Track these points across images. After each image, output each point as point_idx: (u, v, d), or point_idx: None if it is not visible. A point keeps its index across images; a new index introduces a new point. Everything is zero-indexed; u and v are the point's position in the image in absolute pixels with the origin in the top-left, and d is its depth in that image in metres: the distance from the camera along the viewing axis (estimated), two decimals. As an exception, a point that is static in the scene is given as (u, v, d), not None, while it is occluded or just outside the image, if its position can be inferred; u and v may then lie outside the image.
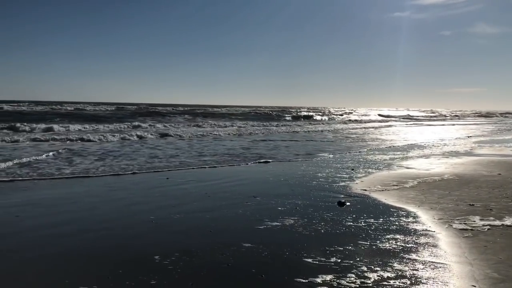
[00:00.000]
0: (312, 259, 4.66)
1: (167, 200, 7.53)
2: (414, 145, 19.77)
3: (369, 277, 4.19)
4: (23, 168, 10.42)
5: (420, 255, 4.85)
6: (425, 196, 7.92)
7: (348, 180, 9.62)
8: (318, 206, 7.09)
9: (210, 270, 4.40)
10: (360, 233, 5.64)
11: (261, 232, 5.67)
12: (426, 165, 12.42)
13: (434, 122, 56.38)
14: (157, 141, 19.77)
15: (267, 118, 50.46)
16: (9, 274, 4.23)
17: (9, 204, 7.07)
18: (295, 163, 12.87)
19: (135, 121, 32.62)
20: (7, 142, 16.34)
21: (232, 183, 9.23)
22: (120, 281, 4.07)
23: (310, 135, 26.74)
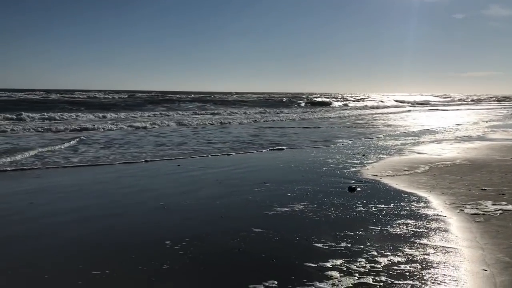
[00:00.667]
0: (323, 244, 4.68)
1: (179, 187, 7.59)
2: (427, 130, 19.62)
3: (380, 262, 4.20)
4: (41, 157, 10.54)
5: (431, 239, 4.84)
6: (437, 181, 7.87)
7: (359, 166, 9.59)
8: (328, 191, 7.10)
9: (221, 255, 4.45)
10: (371, 218, 5.64)
11: (272, 217, 5.70)
12: (438, 150, 12.33)
13: (449, 107, 55.61)
14: (171, 129, 19.85)
15: (279, 105, 50.10)
16: (24, 260, 4.32)
17: (23, 191, 7.17)
18: (306, 150, 12.86)
19: (147, 109, 32.82)
20: (24, 131, 16.52)
21: (243, 170, 9.26)
22: (133, 266, 4.13)
23: (324, 122, 26.66)
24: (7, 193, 7.08)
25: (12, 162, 9.51)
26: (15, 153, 10.64)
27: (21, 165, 9.25)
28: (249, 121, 25.09)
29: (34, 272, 4.02)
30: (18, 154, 10.38)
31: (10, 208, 6.18)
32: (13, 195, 6.95)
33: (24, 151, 11.02)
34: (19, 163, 9.53)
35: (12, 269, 4.08)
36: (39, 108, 29.54)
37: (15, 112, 24.13)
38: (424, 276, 3.88)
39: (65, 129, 17.62)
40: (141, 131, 18.19)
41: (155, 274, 3.95)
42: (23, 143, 12.97)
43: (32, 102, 37.06)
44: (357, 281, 3.79)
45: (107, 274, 3.95)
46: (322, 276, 3.89)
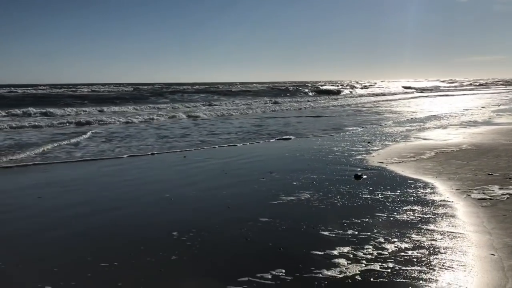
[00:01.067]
0: (330, 232, 4.69)
1: (185, 178, 7.62)
2: (433, 116, 19.52)
3: (387, 248, 4.21)
4: (49, 152, 10.59)
5: (438, 225, 4.84)
6: (443, 167, 7.85)
7: (365, 153, 9.57)
8: (334, 180, 7.10)
9: (229, 245, 4.47)
10: (377, 205, 5.64)
11: (278, 206, 5.71)
12: (444, 136, 12.28)
13: (457, 92, 54.97)
14: (182, 121, 19.85)
15: (285, 94, 49.83)
16: (34, 254, 4.36)
17: (32, 186, 7.22)
18: (312, 138, 12.84)
19: (152, 102, 32.84)
20: (29, 127, 16.58)
21: (248, 160, 9.27)
22: (141, 257, 4.16)
23: (328, 110, 26.59)
24: (16, 188, 7.13)
25: (19, 159, 9.55)
26: (22, 149, 10.69)
27: (31, 161, 9.29)
28: (255, 111, 25.02)
29: (44, 265, 4.06)
30: (25, 150, 10.43)
31: (19, 202, 6.23)
32: (21, 189, 7.00)
33: (30, 146, 11.07)
34: (26, 159, 9.58)
35: (23, 262, 4.12)
36: (44, 102, 29.58)
37: (21, 107, 24.21)
38: (431, 262, 3.88)
39: (73, 124, 17.64)
40: (147, 124, 18.19)
41: (164, 265, 3.98)
42: (26, 139, 13.03)
43: (36, 97, 36.98)
44: (364, 268, 3.81)
45: (116, 266, 3.98)
46: (329, 264, 3.90)
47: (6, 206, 6.06)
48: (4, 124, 16.46)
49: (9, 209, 5.90)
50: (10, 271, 3.98)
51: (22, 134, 14.26)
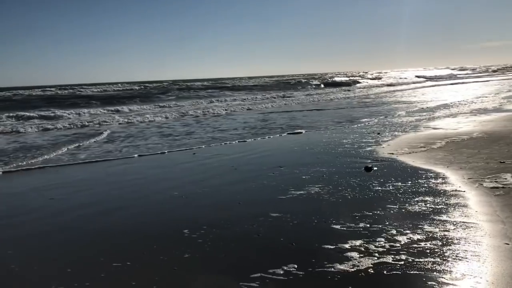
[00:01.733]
0: (341, 225, 4.68)
1: (195, 175, 7.64)
2: (442, 105, 19.35)
3: (399, 240, 4.19)
4: (68, 153, 10.69)
5: (450, 215, 4.80)
6: (454, 156, 7.78)
7: (374, 145, 9.52)
8: (344, 172, 7.07)
9: (241, 241, 4.48)
10: (389, 197, 5.61)
11: (288, 201, 5.71)
12: (454, 124, 12.17)
13: (468, 79, 54.12)
14: (191, 120, 19.89)
15: (294, 87, 49.64)
16: (47, 255, 4.40)
17: (43, 187, 7.28)
18: (320, 132, 12.80)
19: (160, 100, 32.91)
20: (62, 129, 16.71)
21: (257, 155, 9.27)
22: (154, 256, 4.19)
23: (336, 102, 26.47)
24: (28, 190, 7.19)
25: (30, 163, 9.64)
26: (31, 151, 10.79)
27: (43, 163, 9.38)
28: (263, 106, 24.96)
29: (58, 265, 4.10)
30: (39, 153, 10.52)
31: (32, 204, 6.29)
32: (34, 191, 7.06)
33: (39, 149, 11.16)
34: (37, 162, 9.67)
35: (37, 263, 4.17)
36: (56, 104, 29.72)
37: (31, 109, 24.38)
38: (445, 253, 3.86)
39: (88, 125, 17.70)
40: (158, 122, 18.25)
41: (176, 263, 4.00)
42: (31, 141, 13.14)
43: (42, 99, 36.84)
44: (377, 261, 3.79)
45: (129, 265, 4.01)
46: (342, 257, 3.90)
47: (19, 207, 6.13)
48: (8, 127, 16.64)
49: (22, 211, 5.96)
50: (25, 272, 4.03)
51: (27, 138, 14.38)
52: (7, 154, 10.42)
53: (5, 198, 6.83)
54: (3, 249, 4.58)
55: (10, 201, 6.64)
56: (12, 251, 4.54)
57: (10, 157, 9.94)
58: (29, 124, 17.68)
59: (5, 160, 9.63)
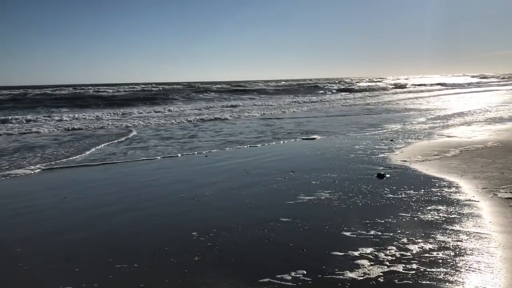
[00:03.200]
0: (352, 233, 4.65)
1: (207, 178, 7.64)
2: (457, 113, 19.15)
3: (411, 249, 4.14)
4: (95, 155, 10.79)
5: (463, 225, 4.74)
6: (468, 165, 7.69)
7: (387, 152, 9.46)
8: (356, 179, 7.03)
9: (252, 245, 4.47)
10: (401, 205, 5.56)
11: (299, 206, 5.69)
12: (469, 133, 12.04)
13: (488, 87, 53.18)
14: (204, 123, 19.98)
15: (311, 91, 49.66)
16: (58, 254, 4.44)
17: (57, 186, 7.36)
18: (333, 137, 12.74)
19: (172, 101, 33.07)
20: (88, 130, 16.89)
21: (269, 159, 9.26)
22: (165, 258, 4.20)
23: (352, 108, 26.35)
24: (42, 189, 7.26)
25: (49, 164, 9.76)
26: (32, 151, 10.90)
27: (56, 165, 9.48)
28: (281, 111, 24.93)
29: (67, 266, 4.12)
30: (53, 155, 10.62)
31: (45, 203, 6.35)
32: (47, 190, 7.13)
33: (46, 149, 11.27)
34: (45, 164, 9.78)
35: (46, 263, 4.20)
36: (79, 105, 30.07)
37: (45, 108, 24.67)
38: (457, 264, 3.81)
39: (113, 126, 17.84)
40: (175, 125, 18.35)
41: (187, 266, 4.00)
42: (32, 142, 13.27)
43: (56, 99, 37.01)
44: (387, 269, 3.76)
45: (139, 267, 4.02)
46: (352, 265, 3.87)
47: (33, 206, 6.19)
48: (20, 129, 16.83)
49: (36, 210, 6.02)
50: (33, 270, 4.07)
51: (28, 139, 14.54)
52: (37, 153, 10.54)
53: (27, 196, 6.91)
54: (14, 247, 4.63)
55: (27, 199, 6.72)
56: (21, 249, 4.59)
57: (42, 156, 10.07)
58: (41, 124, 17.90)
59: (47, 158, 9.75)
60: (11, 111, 25.21)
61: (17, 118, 19.24)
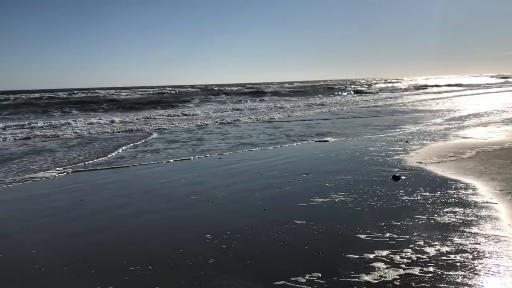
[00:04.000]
0: (367, 235, 4.61)
1: (221, 180, 7.65)
2: (473, 114, 18.91)
3: (427, 252, 4.09)
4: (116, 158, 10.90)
5: (481, 228, 4.67)
6: (485, 167, 7.58)
7: (402, 153, 9.37)
8: (371, 181, 6.97)
9: (267, 247, 4.46)
10: (417, 207, 5.50)
11: (314, 209, 5.66)
12: (485, 134, 11.87)
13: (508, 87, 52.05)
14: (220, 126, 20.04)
15: (327, 92, 49.64)
16: (75, 256, 4.47)
17: (74, 189, 7.43)
18: (347, 139, 12.67)
19: (190, 103, 33.22)
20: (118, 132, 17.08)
21: (283, 161, 9.24)
22: (180, 260, 4.21)
23: (367, 109, 26.19)
24: (59, 191, 7.34)
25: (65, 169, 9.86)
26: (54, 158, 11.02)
27: (74, 168, 9.58)
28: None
29: (82, 267, 4.15)
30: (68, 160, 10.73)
31: (62, 206, 6.42)
32: (64, 193, 7.21)
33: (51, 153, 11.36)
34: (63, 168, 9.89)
35: (62, 264, 4.24)
36: (85, 108, 30.42)
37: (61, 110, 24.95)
38: (476, 267, 3.75)
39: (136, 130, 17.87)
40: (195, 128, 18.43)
41: (202, 268, 4.00)
42: (40, 146, 13.41)
43: (84, 102, 37.26)
44: (403, 272, 3.72)
45: (154, 269, 4.04)
46: (367, 268, 3.83)
47: (50, 209, 6.27)
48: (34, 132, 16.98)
49: (53, 212, 6.09)
50: (49, 271, 4.11)
51: (37, 144, 14.71)
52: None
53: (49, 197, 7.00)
54: (31, 250, 4.68)
55: (46, 201, 6.80)
56: (38, 251, 4.64)
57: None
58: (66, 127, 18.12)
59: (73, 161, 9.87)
60: (24, 115, 25.78)
61: (31, 123, 19.44)
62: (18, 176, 8.36)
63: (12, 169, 9.16)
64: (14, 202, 6.77)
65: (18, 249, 4.77)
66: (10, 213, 6.24)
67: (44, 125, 19.07)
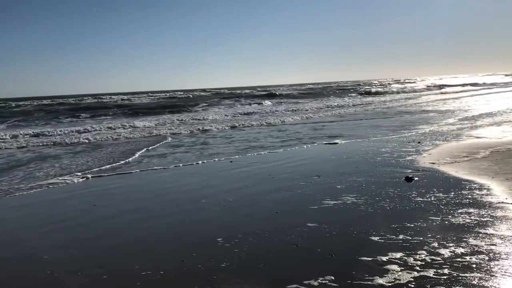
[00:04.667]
0: (380, 237, 4.57)
1: (232, 183, 7.66)
2: (485, 113, 18.71)
3: (442, 254, 4.05)
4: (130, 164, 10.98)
5: (497, 229, 4.60)
6: (499, 167, 7.48)
7: (415, 154, 9.29)
8: (384, 182, 6.92)
9: (279, 251, 4.44)
10: (431, 208, 5.44)
11: (326, 211, 5.63)
12: (499, 133, 11.73)
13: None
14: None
15: (340, 93, 49.63)
16: (84, 261, 4.50)
17: (86, 193, 7.49)
18: (357, 140, 12.60)
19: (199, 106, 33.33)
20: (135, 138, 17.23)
21: (294, 164, 9.21)
22: (193, 264, 4.21)
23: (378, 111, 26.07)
24: (72, 196, 7.40)
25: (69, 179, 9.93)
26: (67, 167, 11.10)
27: (88, 173, 9.66)
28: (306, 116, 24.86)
29: (95, 272, 4.17)
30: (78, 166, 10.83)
31: (76, 210, 6.47)
32: (77, 198, 7.27)
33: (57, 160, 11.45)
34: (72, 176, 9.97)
35: (73, 270, 4.26)
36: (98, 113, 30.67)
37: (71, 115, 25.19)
38: (492, 268, 3.70)
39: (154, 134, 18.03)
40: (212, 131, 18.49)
41: (215, 272, 4.00)
42: (46, 153, 13.52)
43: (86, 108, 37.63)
44: (418, 274, 3.67)
45: (167, 273, 4.05)
46: (381, 270, 3.80)
47: (63, 214, 6.32)
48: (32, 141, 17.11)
49: (67, 217, 6.14)
50: (59, 277, 4.14)
51: (43, 151, 14.85)
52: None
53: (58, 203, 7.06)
54: (45, 255, 4.72)
55: (58, 206, 6.86)
56: (52, 257, 4.67)
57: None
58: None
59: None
60: (35, 121, 26.13)
61: (44, 132, 19.61)
62: (30, 183, 8.44)
63: (25, 176, 9.27)
64: (29, 208, 6.83)
65: (32, 254, 4.79)
66: (23, 219, 6.29)
67: (52, 131, 19.22)
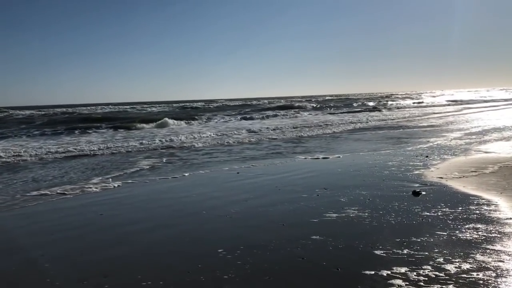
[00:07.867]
0: (386, 251, 4.55)
1: (239, 195, 7.66)
2: (493, 128, 18.61)
3: (448, 269, 4.02)
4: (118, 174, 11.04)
5: (505, 245, 4.57)
6: (508, 182, 7.43)
7: (423, 168, 9.25)
8: (391, 196, 6.90)
9: (285, 263, 4.43)
10: (438, 223, 5.41)
11: (332, 224, 5.62)
12: (507, 148, 11.66)
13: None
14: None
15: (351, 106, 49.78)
16: (88, 271, 4.52)
17: (93, 203, 7.53)
18: (364, 153, 12.58)
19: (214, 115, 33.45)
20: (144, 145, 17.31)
21: (301, 176, 9.21)
22: (198, 275, 4.21)
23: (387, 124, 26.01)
24: (79, 205, 7.44)
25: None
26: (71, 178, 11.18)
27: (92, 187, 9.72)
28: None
29: (99, 283, 4.19)
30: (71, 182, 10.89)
31: (83, 219, 6.51)
32: (84, 207, 7.31)
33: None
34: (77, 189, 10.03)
35: (78, 279, 4.28)
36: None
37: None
38: (499, 285, 3.67)
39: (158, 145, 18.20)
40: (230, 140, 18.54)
41: (220, 284, 4.00)
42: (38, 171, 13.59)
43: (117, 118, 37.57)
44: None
45: (169, 284, 4.05)
46: (386, 285, 3.78)
47: (70, 223, 6.35)
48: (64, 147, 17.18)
49: (74, 226, 6.17)
50: (74, 287, 4.15)
51: (48, 158, 14.92)
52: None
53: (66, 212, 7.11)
54: (50, 265, 4.75)
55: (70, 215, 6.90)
56: (58, 266, 4.70)
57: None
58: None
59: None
60: (44, 129, 26.29)
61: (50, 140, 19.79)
62: (34, 191, 8.51)
63: (32, 183, 9.35)
64: (36, 217, 6.87)
65: (37, 263, 4.82)
66: (30, 227, 6.32)
67: (59, 141, 19.41)
